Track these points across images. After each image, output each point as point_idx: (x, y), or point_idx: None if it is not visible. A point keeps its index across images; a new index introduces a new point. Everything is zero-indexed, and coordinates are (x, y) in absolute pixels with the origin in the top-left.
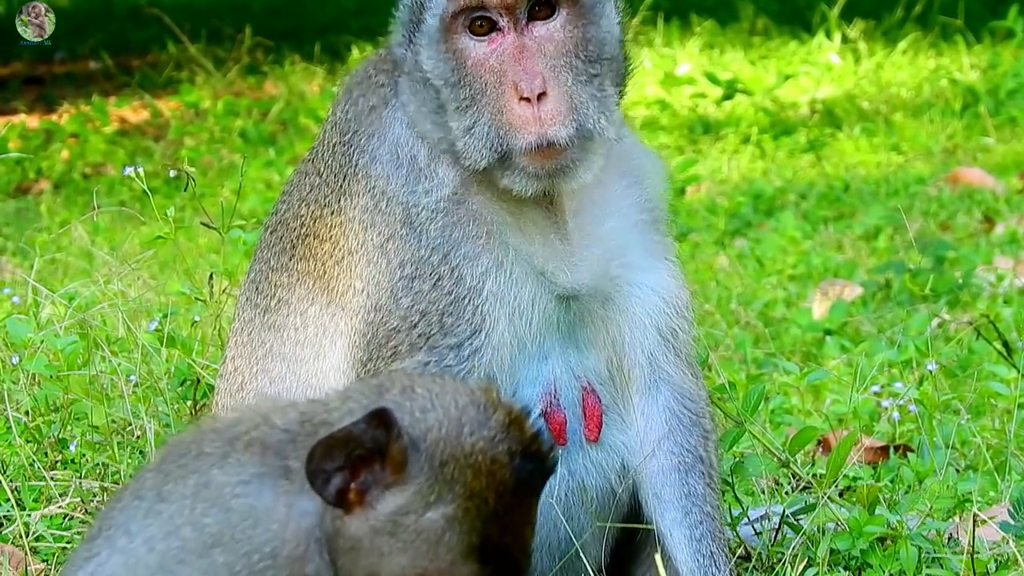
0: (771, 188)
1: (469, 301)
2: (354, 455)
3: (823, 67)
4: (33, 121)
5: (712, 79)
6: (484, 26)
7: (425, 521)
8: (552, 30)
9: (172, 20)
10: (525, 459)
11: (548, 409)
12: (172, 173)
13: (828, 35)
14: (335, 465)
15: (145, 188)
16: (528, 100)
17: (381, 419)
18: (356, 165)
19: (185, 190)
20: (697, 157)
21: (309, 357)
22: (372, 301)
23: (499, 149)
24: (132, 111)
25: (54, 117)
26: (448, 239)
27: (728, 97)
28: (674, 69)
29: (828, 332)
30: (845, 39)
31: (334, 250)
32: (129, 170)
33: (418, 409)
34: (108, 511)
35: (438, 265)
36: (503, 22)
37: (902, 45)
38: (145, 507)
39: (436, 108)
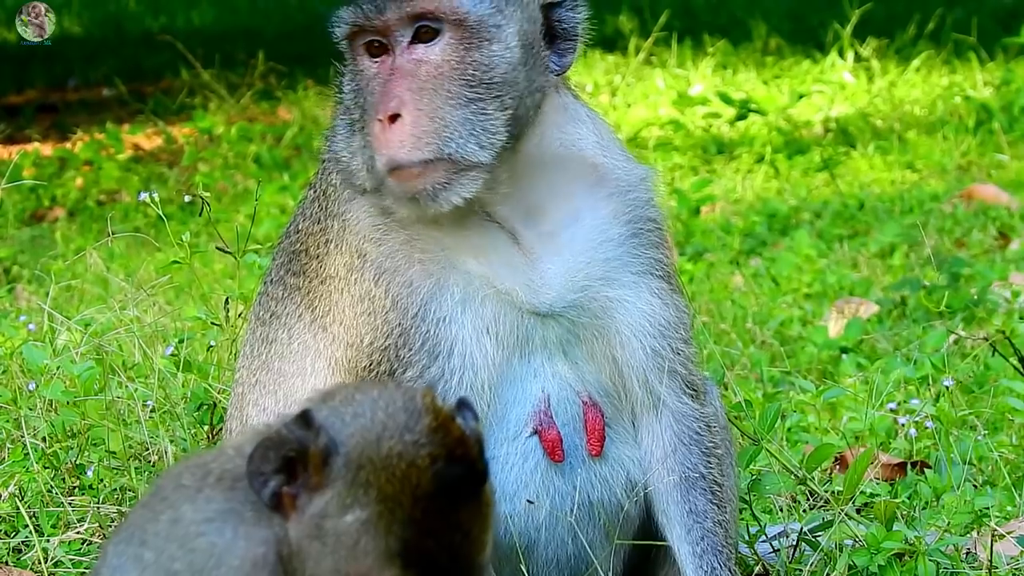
0: (785, 207)
1: (415, 330)
2: (286, 457)
3: (836, 86)
4: (47, 149)
5: (725, 99)
6: (378, 48)
7: (342, 525)
8: (430, 52)
9: (185, 47)
10: (450, 464)
11: (540, 427)
12: (187, 199)
13: (841, 54)
14: (271, 468)
15: (160, 214)
16: (382, 121)
17: (304, 420)
18: (340, 185)
19: (200, 215)
20: (711, 177)
21: (293, 373)
22: (347, 338)
23: (369, 169)
24: (146, 138)
25: (68, 145)
26: (384, 269)
27: (742, 117)
28: (687, 89)
29: (844, 350)
30: (858, 57)
31: (320, 269)
32: (144, 196)
33: (350, 414)
34: (107, 546)
35: (384, 298)
36: (391, 44)
37: (915, 63)
38: (132, 552)
39: (349, 130)
